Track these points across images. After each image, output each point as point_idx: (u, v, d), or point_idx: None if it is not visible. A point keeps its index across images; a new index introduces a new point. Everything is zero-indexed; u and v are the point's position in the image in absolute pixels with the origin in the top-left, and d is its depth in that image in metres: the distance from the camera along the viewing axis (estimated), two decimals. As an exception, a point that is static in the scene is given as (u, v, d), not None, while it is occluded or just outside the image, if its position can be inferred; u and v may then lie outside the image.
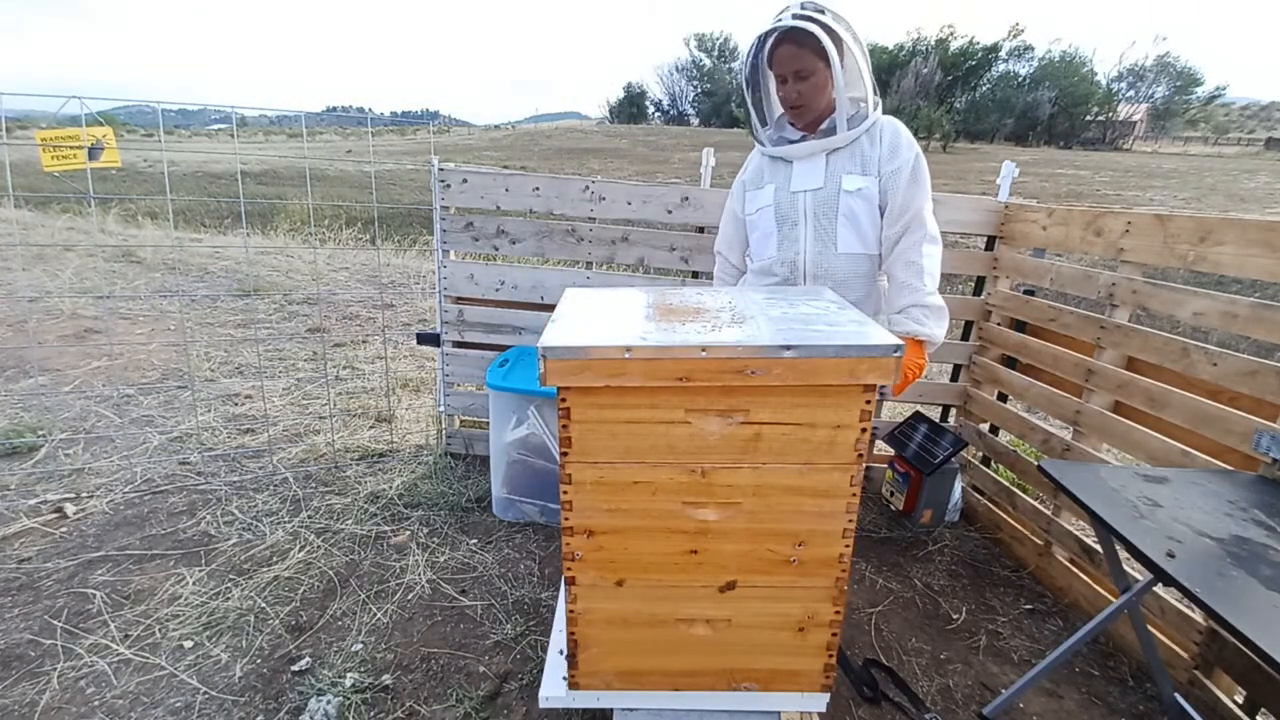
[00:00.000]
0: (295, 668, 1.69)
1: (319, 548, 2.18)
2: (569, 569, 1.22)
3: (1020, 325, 2.40)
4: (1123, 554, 1.46)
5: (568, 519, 1.19)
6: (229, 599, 1.92)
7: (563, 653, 1.32)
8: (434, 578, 2.08)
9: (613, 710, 1.35)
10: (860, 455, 1.14)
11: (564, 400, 1.12)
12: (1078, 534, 2.06)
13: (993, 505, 2.49)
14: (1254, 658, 1.48)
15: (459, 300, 2.67)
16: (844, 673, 1.72)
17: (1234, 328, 1.62)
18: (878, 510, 2.63)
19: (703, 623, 1.26)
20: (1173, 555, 1.16)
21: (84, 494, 2.41)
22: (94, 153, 2.40)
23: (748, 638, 1.27)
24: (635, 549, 1.21)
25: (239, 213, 8.22)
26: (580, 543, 1.20)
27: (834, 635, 1.26)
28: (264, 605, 1.90)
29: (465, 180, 2.51)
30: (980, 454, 2.61)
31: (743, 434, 1.14)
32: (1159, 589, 1.67)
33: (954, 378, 2.70)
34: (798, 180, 1.73)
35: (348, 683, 1.64)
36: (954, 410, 2.73)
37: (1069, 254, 2.24)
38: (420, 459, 2.81)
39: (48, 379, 3.40)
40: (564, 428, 1.13)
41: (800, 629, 1.26)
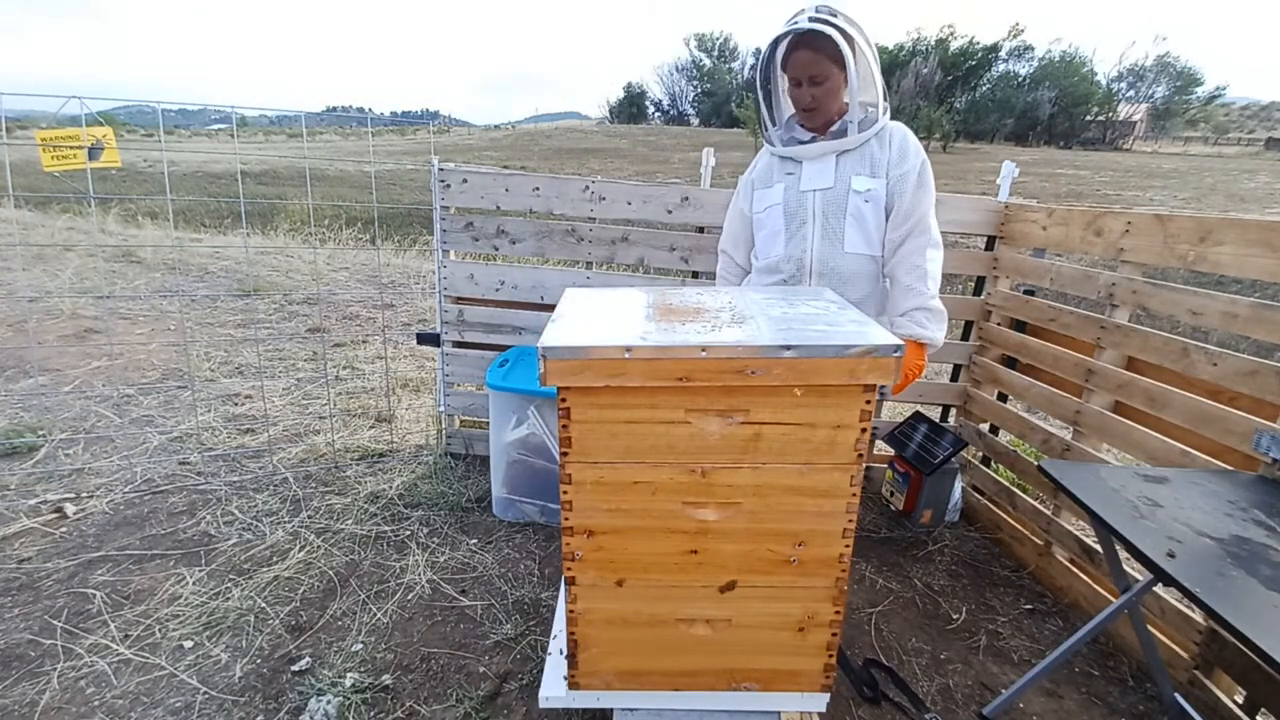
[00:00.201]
0: (295, 668, 1.69)
1: (319, 548, 2.18)
2: (569, 569, 1.22)
3: (1020, 325, 2.40)
4: (1123, 554, 1.46)
5: (568, 519, 1.19)
6: (229, 599, 1.92)
7: (563, 653, 1.32)
8: (434, 578, 2.08)
9: (613, 710, 1.35)
10: (860, 455, 1.14)
11: (564, 400, 1.12)
12: (1078, 534, 2.06)
13: (993, 505, 2.49)
14: (1254, 658, 1.48)
15: (459, 300, 2.67)
16: (844, 673, 1.72)
17: (1234, 328, 1.62)
18: (878, 510, 2.63)
19: (703, 623, 1.26)
20: (1173, 555, 1.16)
21: (84, 494, 2.41)
22: (94, 153, 2.40)
23: (748, 638, 1.27)
24: (635, 549, 1.21)
25: (239, 213, 8.22)
26: (580, 543, 1.20)
27: (834, 635, 1.26)
28: (264, 605, 1.90)
29: (465, 180, 2.51)
30: (980, 454, 2.61)
31: (743, 434, 1.14)
32: (1159, 589, 1.67)
33: (954, 378, 2.70)
34: (807, 180, 1.74)
35: (348, 683, 1.64)
36: (954, 410, 2.73)
37: (1069, 254, 2.24)
38: (420, 459, 2.81)
39: (48, 379, 3.40)
40: (564, 428, 1.13)
41: (800, 629, 1.26)
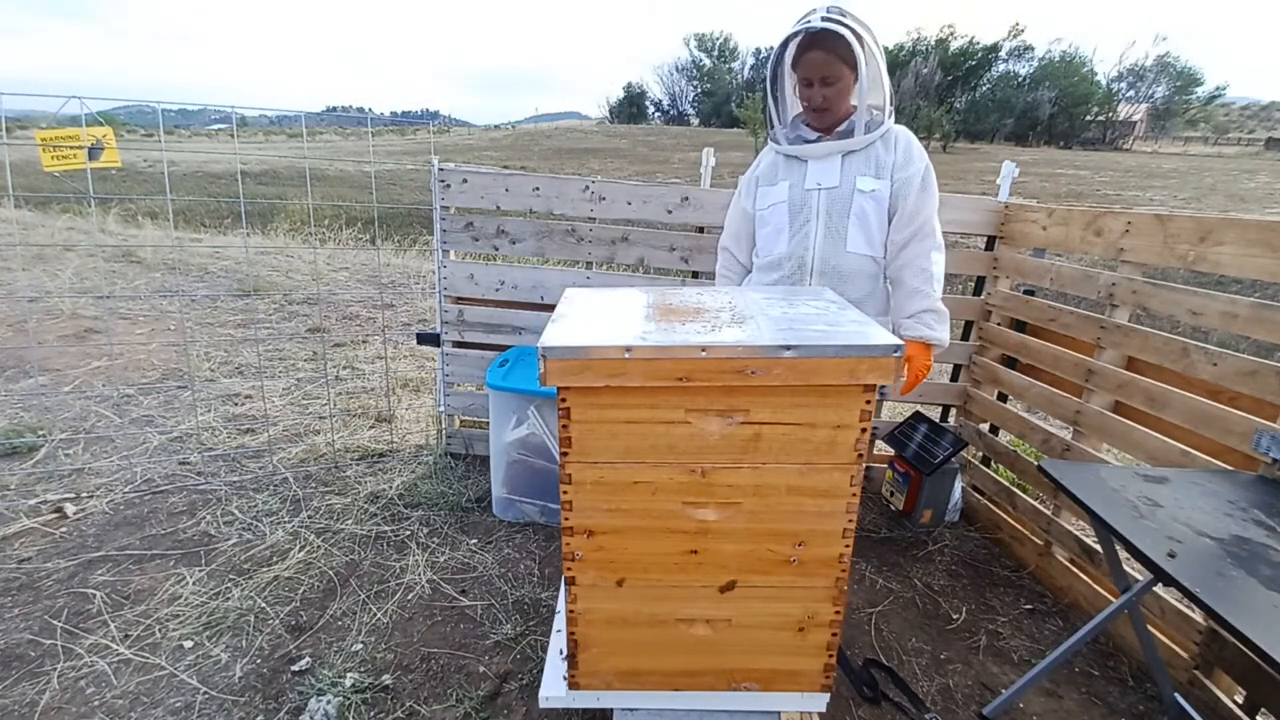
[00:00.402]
0: (295, 668, 1.69)
1: (319, 548, 2.18)
2: (569, 569, 1.22)
3: (1020, 325, 2.40)
4: (1123, 554, 1.46)
5: (568, 519, 1.19)
6: (229, 599, 1.92)
7: (563, 653, 1.32)
8: (434, 578, 2.08)
9: (613, 710, 1.35)
10: (860, 455, 1.14)
11: (564, 400, 1.12)
12: (1078, 534, 2.06)
13: (993, 505, 2.49)
14: (1254, 658, 1.48)
15: (459, 300, 2.67)
16: (844, 673, 1.72)
17: (1234, 328, 1.62)
18: (878, 510, 2.63)
19: (703, 623, 1.26)
20: (1173, 555, 1.16)
21: (84, 494, 2.41)
22: (94, 153, 2.40)
23: (748, 638, 1.27)
24: (635, 549, 1.21)
25: (239, 213, 8.22)
26: (580, 543, 1.20)
27: (834, 635, 1.26)
28: (264, 605, 1.90)
29: (465, 180, 2.51)
30: (980, 454, 2.61)
31: (743, 434, 1.14)
32: (1159, 589, 1.67)
33: (954, 378, 2.70)
34: (813, 178, 1.75)
35: (348, 683, 1.64)
36: (954, 410, 2.73)
37: (1069, 254, 2.24)
38: (420, 459, 2.81)
39: (48, 379, 3.40)
40: (564, 428, 1.13)
41: (800, 629, 1.26)
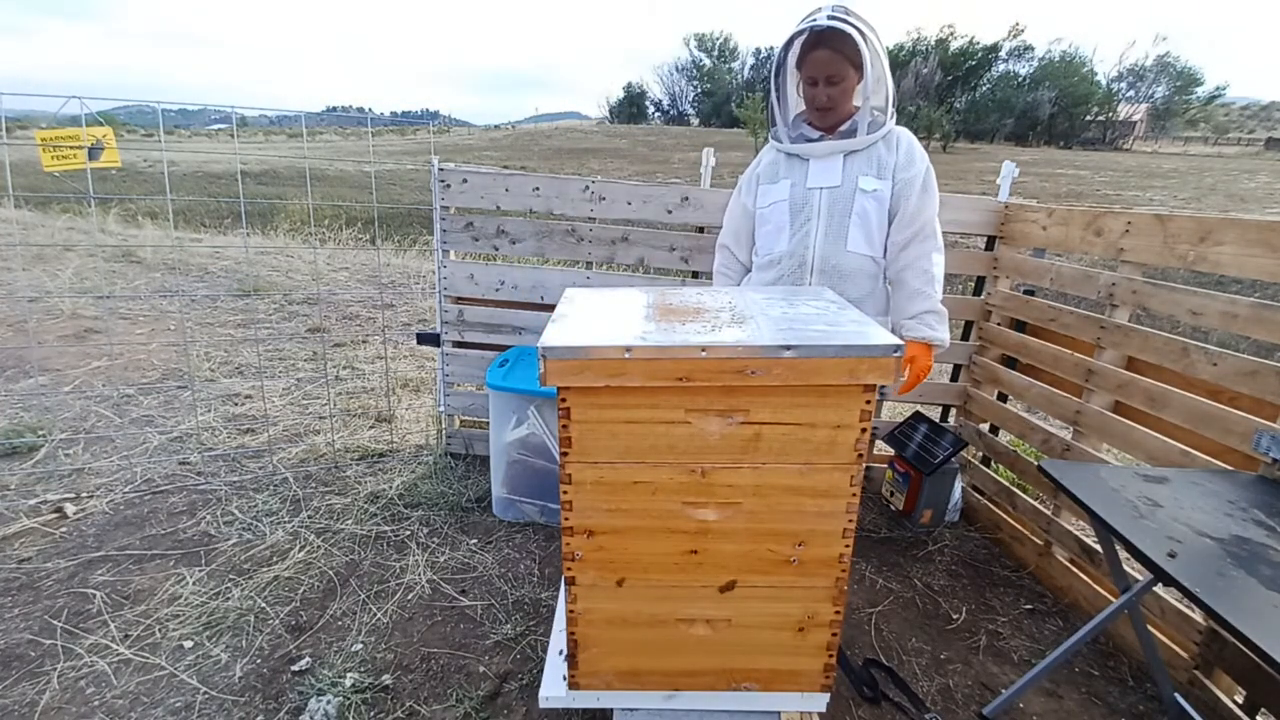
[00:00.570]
0: (295, 668, 1.69)
1: (319, 548, 2.18)
2: (569, 569, 1.22)
3: (1020, 325, 2.40)
4: (1123, 554, 1.46)
5: (568, 519, 1.19)
6: (229, 599, 1.92)
7: (563, 653, 1.32)
8: (434, 578, 2.08)
9: (613, 710, 1.35)
10: (860, 455, 1.14)
11: (564, 400, 1.12)
12: (1078, 534, 2.06)
13: (993, 505, 2.49)
14: (1254, 658, 1.48)
15: (459, 300, 2.67)
16: (844, 673, 1.72)
17: (1234, 328, 1.62)
18: (878, 510, 2.63)
19: (703, 623, 1.26)
20: (1173, 555, 1.16)
21: (84, 494, 2.41)
22: (94, 153, 2.40)
23: (748, 638, 1.27)
24: (635, 549, 1.21)
25: (239, 213, 8.22)
26: (580, 543, 1.20)
27: (834, 635, 1.26)
28: (264, 605, 1.90)
29: (465, 180, 2.51)
30: (980, 454, 2.61)
31: (743, 434, 1.14)
32: (1159, 589, 1.67)
33: (954, 378, 2.70)
34: (814, 177, 1.75)
35: (348, 683, 1.64)
36: (954, 410, 2.73)
37: (1069, 254, 2.24)
38: (420, 459, 2.81)
39: (48, 379, 3.40)
40: (564, 428, 1.13)
41: (800, 629, 1.26)
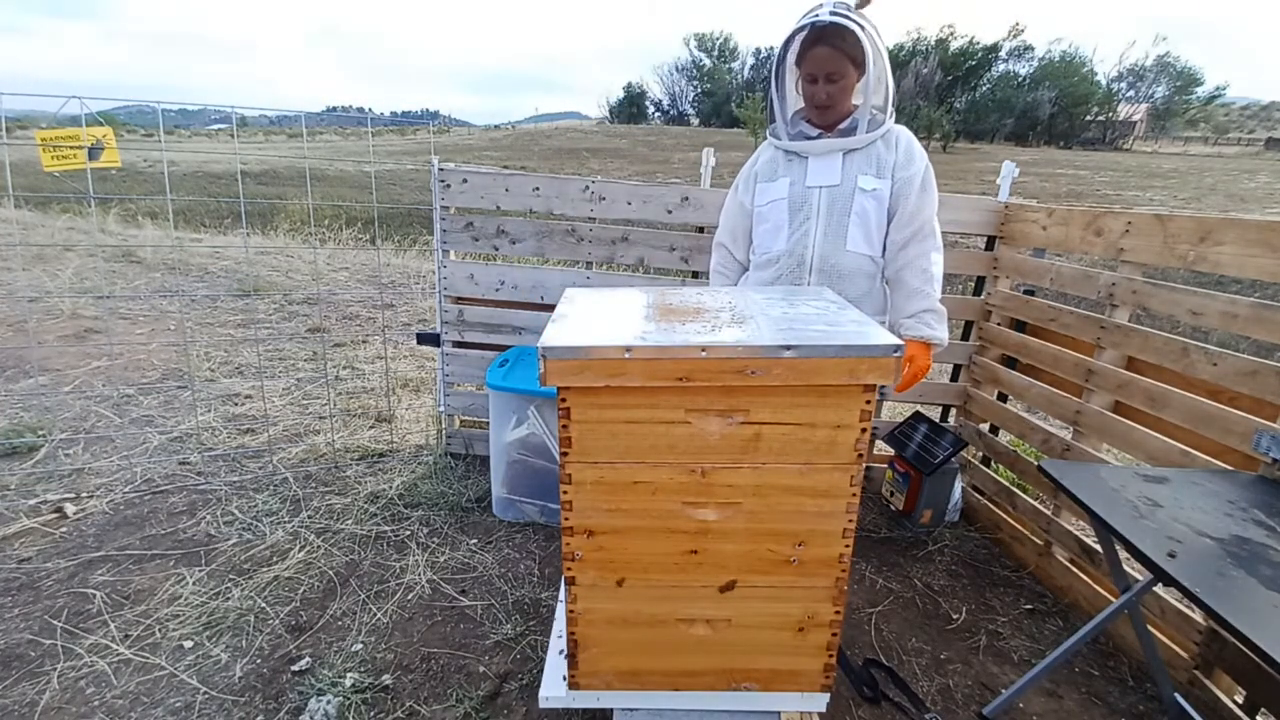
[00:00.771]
0: (295, 668, 1.69)
1: (319, 548, 2.18)
2: (569, 569, 1.22)
3: (1020, 325, 2.40)
4: (1123, 554, 1.46)
5: (568, 519, 1.19)
6: (229, 599, 1.92)
7: (563, 653, 1.32)
8: (434, 578, 2.08)
9: (613, 710, 1.35)
10: (860, 455, 1.14)
11: (564, 400, 1.12)
12: (1078, 534, 2.06)
13: (993, 505, 2.49)
14: (1254, 658, 1.48)
15: (459, 300, 2.67)
16: (844, 673, 1.72)
17: (1234, 328, 1.62)
18: (878, 510, 2.63)
19: (703, 623, 1.26)
20: (1173, 555, 1.16)
21: (84, 494, 2.41)
22: (94, 153, 2.40)
23: (748, 638, 1.27)
24: (635, 549, 1.21)
25: (239, 213, 8.22)
26: (580, 543, 1.20)
27: (834, 635, 1.26)
28: (264, 605, 1.90)
29: (465, 180, 2.51)
30: (980, 454, 2.61)
31: (743, 434, 1.14)
32: (1159, 589, 1.67)
33: (954, 378, 2.70)
34: (813, 175, 1.74)
35: (348, 683, 1.64)
36: (954, 410, 2.73)
37: (1069, 254, 2.24)
38: (420, 459, 2.81)
39: (48, 379, 3.40)
40: (564, 428, 1.13)
41: (800, 629, 1.26)
